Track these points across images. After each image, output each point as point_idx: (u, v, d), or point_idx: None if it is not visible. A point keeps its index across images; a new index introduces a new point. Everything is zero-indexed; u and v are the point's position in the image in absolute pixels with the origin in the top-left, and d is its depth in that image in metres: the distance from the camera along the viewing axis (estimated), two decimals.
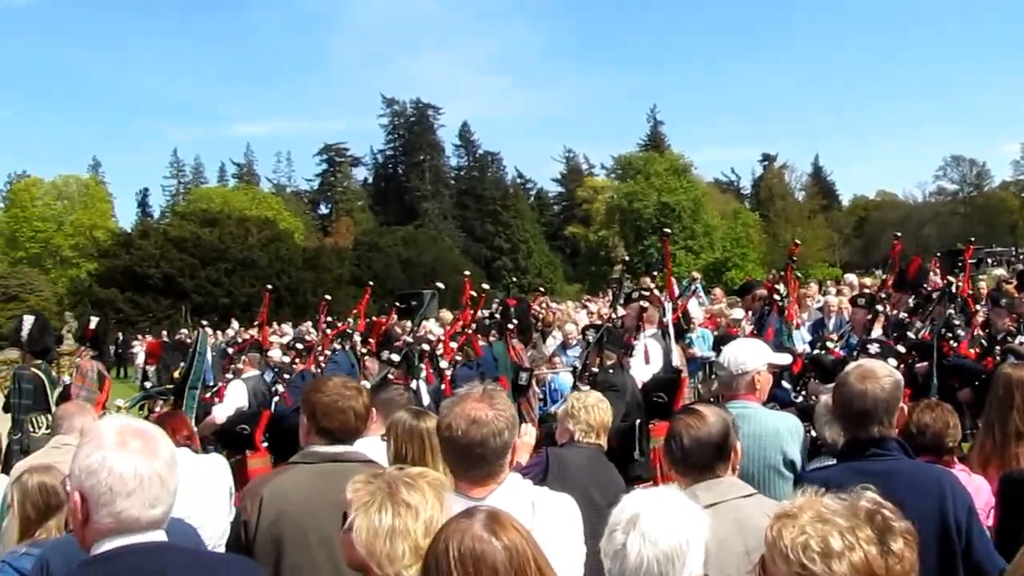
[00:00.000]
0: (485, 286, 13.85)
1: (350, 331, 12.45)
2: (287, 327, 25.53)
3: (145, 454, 2.43)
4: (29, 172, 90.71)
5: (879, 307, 9.62)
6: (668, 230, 13.97)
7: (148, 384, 9.91)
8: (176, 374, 9.13)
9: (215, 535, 4.83)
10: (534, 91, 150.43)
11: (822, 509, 2.16)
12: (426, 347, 9.73)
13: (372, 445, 4.17)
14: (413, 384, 8.35)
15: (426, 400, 8.29)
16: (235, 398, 9.32)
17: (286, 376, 10.40)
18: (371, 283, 16.64)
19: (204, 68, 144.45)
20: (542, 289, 26.73)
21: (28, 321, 10.54)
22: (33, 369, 10.15)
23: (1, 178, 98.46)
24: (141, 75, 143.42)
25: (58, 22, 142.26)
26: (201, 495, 4.86)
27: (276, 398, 9.78)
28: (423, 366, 9.28)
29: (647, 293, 10.47)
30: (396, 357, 8.97)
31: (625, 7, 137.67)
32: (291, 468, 3.82)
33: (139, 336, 34.35)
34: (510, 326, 12.67)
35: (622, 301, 10.60)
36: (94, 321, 10.74)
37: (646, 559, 2.34)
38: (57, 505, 4.37)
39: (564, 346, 14.00)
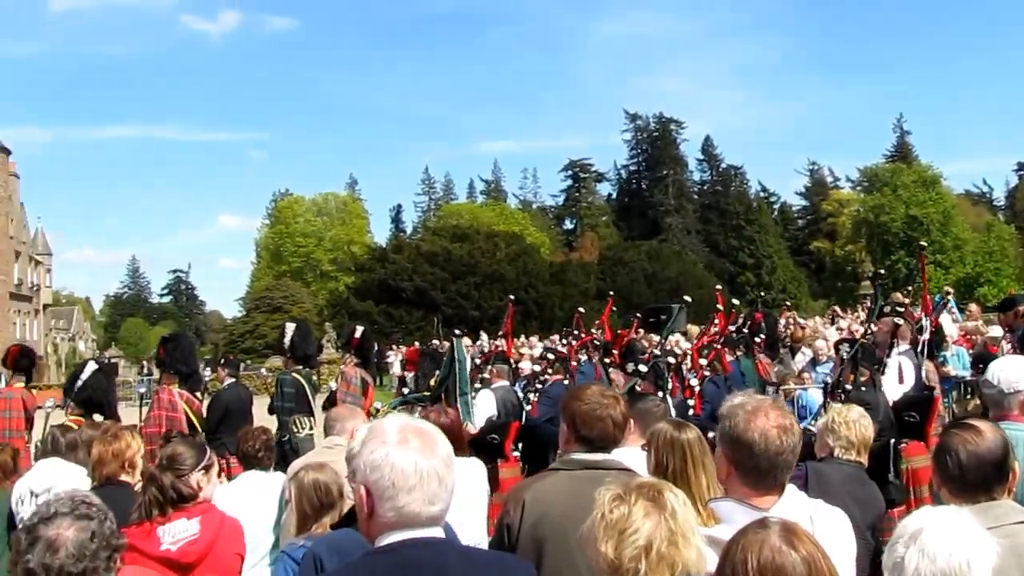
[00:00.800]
0: (735, 301, 13.68)
1: (597, 342, 12.54)
2: (535, 340, 25.91)
3: (424, 452, 2.52)
4: (292, 190, 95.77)
5: None
6: (924, 243, 13.34)
7: (406, 391, 10.25)
8: (432, 381, 9.37)
9: (473, 537, 4.97)
10: (777, 103, 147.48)
11: None
12: (672, 360, 9.69)
13: (631, 455, 4.20)
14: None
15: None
16: (484, 408, 9.49)
17: (538, 386, 10.55)
18: (612, 293, 16.71)
19: (454, 87, 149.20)
20: (789, 304, 26.16)
21: (290, 328, 11.03)
22: (294, 374, 10.66)
23: (267, 196, 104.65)
24: (395, 95, 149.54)
25: (317, 47, 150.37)
26: (462, 497, 5.04)
27: (528, 407, 9.94)
28: (669, 378, 9.24)
29: (901, 308, 10.10)
30: (644, 368, 8.96)
31: (868, 15, 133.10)
32: (552, 474, 3.89)
33: (394, 346, 35.54)
34: (757, 340, 12.48)
35: (875, 316, 10.25)
36: (359, 330, 11.11)
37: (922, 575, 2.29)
38: (330, 504, 4.62)
39: (814, 362, 13.65)
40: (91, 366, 9.36)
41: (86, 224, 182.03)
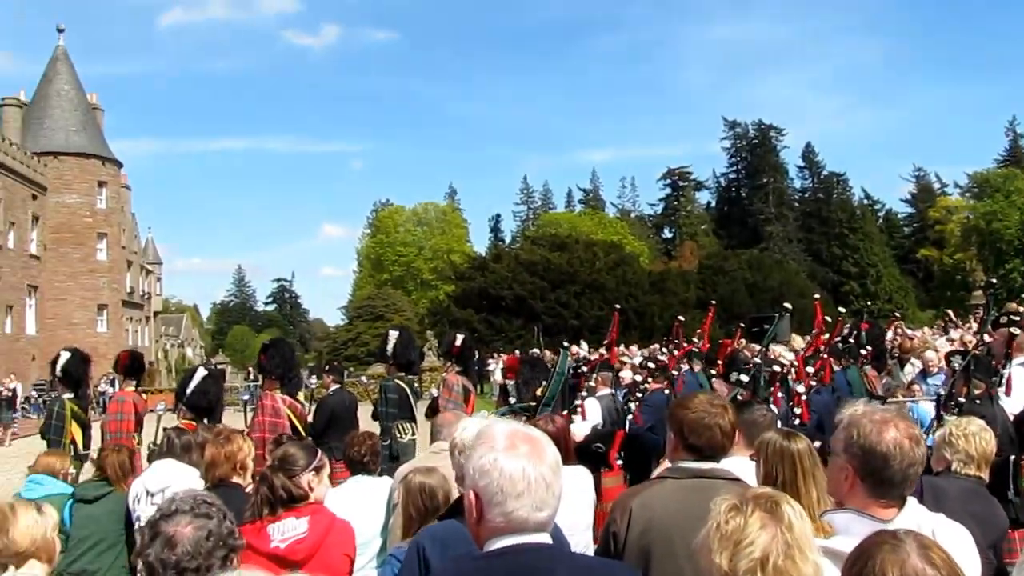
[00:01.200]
0: (841, 309, 13.41)
1: (696, 351, 12.43)
2: (634, 348, 25.83)
3: (532, 458, 2.52)
4: (392, 200, 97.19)
5: None
6: None
7: (511, 400, 10.28)
8: (539, 392, 9.39)
9: (579, 545, 4.96)
10: (880, 108, 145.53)
11: None
12: (777, 369, 9.55)
13: (740, 464, 4.14)
14: None
15: None
16: (590, 416, 9.47)
17: (639, 395, 10.50)
18: (713, 303, 16.54)
19: (552, 97, 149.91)
20: (898, 315, 25.60)
21: (393, 336, 11.16)
22: (397, 381, 10.79)
23: (368, 206, 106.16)
24: (493, 106, 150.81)
25: (417, 59, 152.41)
26: (568, 504, 5.04)
27: (629, 416, 9.89)
28: (772, 389, 9.11)
29: (1017, 318, 9.79)
30: (745, 378, 8.85)
31: (975, 15, 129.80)
32: (659, 482, 3.85)
33: (494, 354, 35.72)
34: (863, 351, 12.22)
35: (989, 327, 9.95)
36: (460, 338, 11.21)
37: None
38: (435, 508, 4.63)
39: (924, 374, 13.32)
40: (201, 372, 9.56)
41: (194, 234, 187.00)
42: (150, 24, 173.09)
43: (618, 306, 14.48)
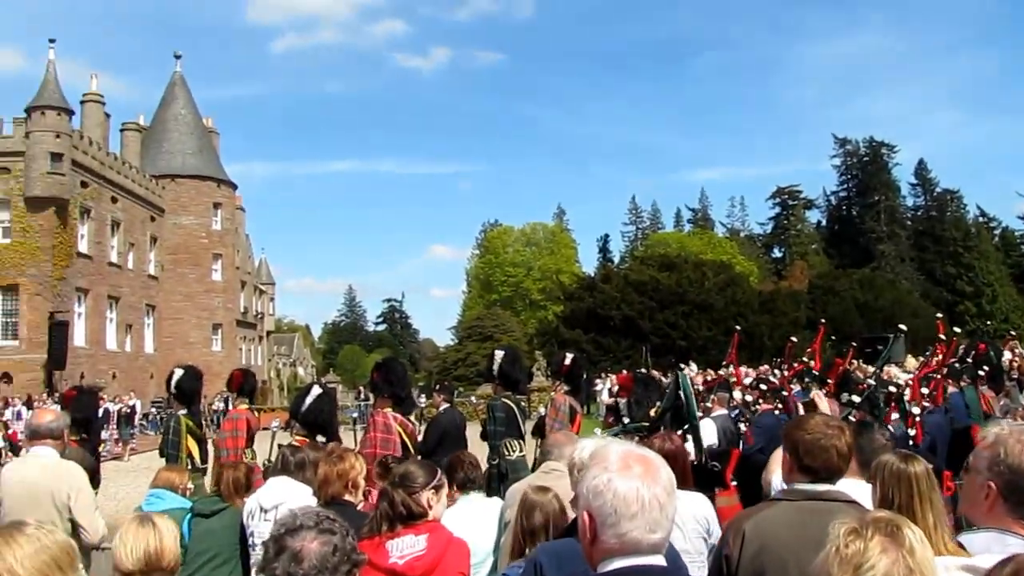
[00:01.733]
0: (956, 329, 13.14)
1: (815, 374, 12.28)
2: (743, 369, 25.56)
3: (646, 479, 2.50)
4: (501, 221, 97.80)
5: None
6: None
7: (625, 420, 10.24)
8: (652, 412, 9.34)
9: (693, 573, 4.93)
10: (996, 122, 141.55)
11: None
12: (893, 390, 9.38)
13: (855, 487, 4.07)
14: None
15: None
16: (705, 436, 9.40)
17: (748, 415, 10.42)
18: (823, 321, 16.32)
19: (659, 116, 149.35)
20: (1013, 333, 24.89)
21: (499, 355, 11.19)
22: (504, 400, 10.83)
23: (477, 227, 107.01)
24: (600, 126, 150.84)
25: (524, 80, 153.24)
26: (683, 531, 5.03)
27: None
28: (888, 409, 8.95)
29: None
30: (857, 399, 8.71)
31: None
32: (774, 504, 3.82)
33: (602, 374, 35.63)
34: (980, 372, 11.93)
35: None
36: (569, 357, 11.22)
37: None
38: (531, 528, 4.65)
39: None
40: (316, 390, 9.71)
41: (306, 254, 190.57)
42: (264, 49, 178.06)
43: (738, 327, 14.41)
